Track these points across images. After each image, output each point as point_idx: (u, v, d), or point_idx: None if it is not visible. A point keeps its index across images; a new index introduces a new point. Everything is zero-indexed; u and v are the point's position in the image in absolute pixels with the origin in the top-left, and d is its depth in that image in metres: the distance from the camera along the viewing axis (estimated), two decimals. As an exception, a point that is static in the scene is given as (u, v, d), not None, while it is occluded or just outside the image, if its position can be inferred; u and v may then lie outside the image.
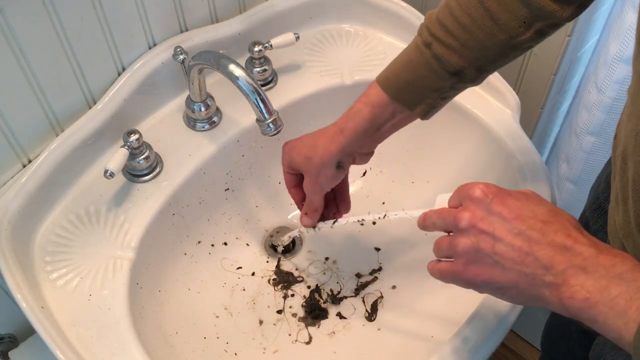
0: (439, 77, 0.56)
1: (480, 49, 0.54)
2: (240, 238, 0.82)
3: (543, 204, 0.45)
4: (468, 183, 0.47)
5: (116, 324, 0.61)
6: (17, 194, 0.64)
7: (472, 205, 0.45)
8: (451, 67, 0.55)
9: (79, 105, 0.70)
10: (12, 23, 0.58)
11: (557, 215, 0.44)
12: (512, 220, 0.43)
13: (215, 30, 0.78)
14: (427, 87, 0.57)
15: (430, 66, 0.56)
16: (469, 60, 0.55)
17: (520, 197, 0.45)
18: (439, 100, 0.59)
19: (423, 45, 0.56)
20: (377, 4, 0.85)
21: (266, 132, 0.65)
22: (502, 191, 0.45)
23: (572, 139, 1.02)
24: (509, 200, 0.44)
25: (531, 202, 0.45)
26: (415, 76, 0.57)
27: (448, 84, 0.57)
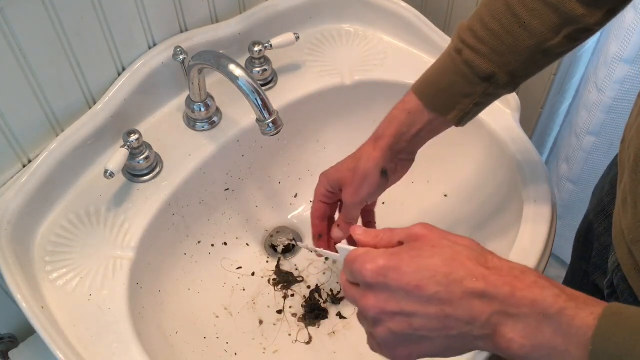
0: (470, 83, 0.56)
1: (510, 54, 0.55)
2: (240, 238, 0.82)
3: (437, 253, 0.41)
4: (355, 255, 0.44)
5: (116, 324, 0.61)
6: (17, 194, 0.64)
7: (370, 291, 0.42)
8: (482, 72, 0.56)
9: (79, 105, 0.70)
10: (12, 23, 0.58)
11: (456, 259, 0.41)
12: (415, 290, 0.40)
13: (215, 30, 0.78)
14: (459, 93, 0.57)
15: (461, 72, 0.56)
16: (500, 66, 0.55)
17: (413, 258, 0.41)
18: (472, 107, 0.58)
19: (454, 52, 0.57)
20: (377, 4, 0.85)
21: (266, 132, 0.65)
22: (391, 260, 0.42)
23: (572, 139, 1.02)
24: (402, 268, 0.41)
25: (425, 257, 0.41)
26: (447, 82, 0.58)
27: (480, 90, 0.57)
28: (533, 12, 0.53)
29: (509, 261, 0.41)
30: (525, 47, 0.54)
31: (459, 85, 0.57)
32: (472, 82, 0.56)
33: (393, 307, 0.41)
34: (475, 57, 0.55)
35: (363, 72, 0.83)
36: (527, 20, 0.53)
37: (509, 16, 0.54)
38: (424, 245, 0.42)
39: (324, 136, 0.87)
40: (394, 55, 0.85)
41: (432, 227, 0.44)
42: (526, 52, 0.54)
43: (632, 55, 0.85)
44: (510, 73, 0.56)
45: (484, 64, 0.55)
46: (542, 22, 0.53)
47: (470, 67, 0.56)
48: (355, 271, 0.43)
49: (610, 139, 0.96)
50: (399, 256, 0.42)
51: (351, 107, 0.85)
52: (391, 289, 0.41)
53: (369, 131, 0.65)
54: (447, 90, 0.58)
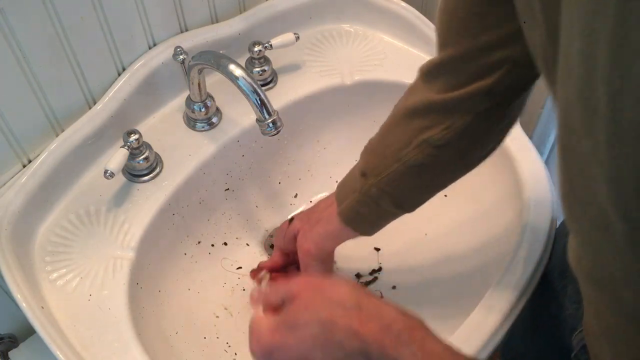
0: (355, 177, 0.62)
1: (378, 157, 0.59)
2: (240, 238, 0.82)
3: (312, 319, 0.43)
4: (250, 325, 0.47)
5: (116, 324, 0.61)
6: (17, 194, 0.64)
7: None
8: (360, 167, 0.61)
9: (79, 105, 0.70)
10: (12, 23, 0.58)
11: (331, 320, 0.42)
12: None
13: (215, 30, 0.78)
14: (349, 185, 0.62)
15: (356, 166, 0.62)
16: (369, 166, 0.59)
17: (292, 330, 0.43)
18: (354, 203, 0.61)
19: None
20: (377, 4, 0.85)
21: (266, 132, 0.65)
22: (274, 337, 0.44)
23: (572, 139, 1.02)
24: (285, 345, 0.43)
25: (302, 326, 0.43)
26: (348, 176, 0.64)
27: (358, 186, 0.60)
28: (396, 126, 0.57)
29: (381, 304, 0.43)
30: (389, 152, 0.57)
31: (351, 177, 0.63)
32: (357, 178, 0.61)
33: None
34: (362, 153, 0.62)
35: (363, 72, 0.83)
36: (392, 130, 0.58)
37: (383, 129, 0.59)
38: (299, 309, 0.44)
39: (324, 136, 0.86)
40: (394, 55, 0.85)
41: (310, 282, 0.46)
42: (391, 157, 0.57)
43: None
44: (376, 176, 0.58)
45: (362, 160, 0.61)
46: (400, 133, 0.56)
47: (359, 161, 0.62)
48: (249, 340, 0.46)
49: (610, 139, 0.96)
50: (280, 332, 0.44)
51: (351, 107, 0.85)
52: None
53: (369, 131, 0.65)
54: (345, 181, 0.64)
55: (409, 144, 0.56)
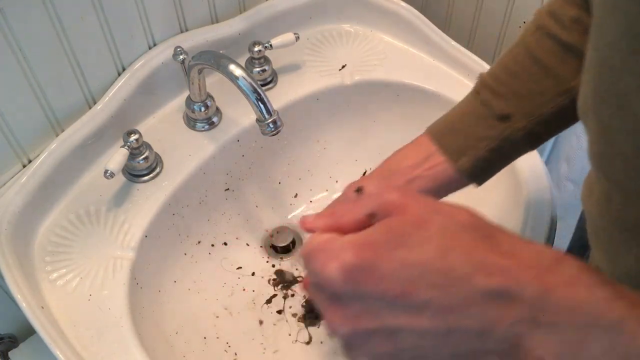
0: (485, 123, 0.53)
1: (529, 96, 0.52)
2: (240, 238, 0.82)
3: (426, 238, 0.30)
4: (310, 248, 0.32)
5: (116, 324, 0.61)
6: (17, 194, 0.64)
7: (336, 302, 0.31)
8: (498, 113, 0.53)
9: (79, 105, 0.70)
10: (12, 23, 0.58)
11: (455, 245, 0.29)
12: (400, 298, 0.29)
13: (215, 30, 0.78)
14: (472, 134, 0.54)
15: (477, 112, 0.54)
16: (518, 108, 0.53)
17: (393, 249, 0.29)
18: (486, 152, 0.54)
19: (473, 94, 0.55)
20: (377, 4, 0.85)
21: (266, 132, 0.65)
22: (362, 254, 0.30)
23: (572, 139, 1.02)
24: (380, 268, 0.29)
25: (410, 246, 0.29)
26: (461, 123, 0.55)
27: (495, 133, 0.53)
28: (551, 54, 0.51)
29: (531, 242, 0.31)
30: (545, 89, 0.52)
31: (474, 125, 0.54)
32: (488, 123, 0.53)
33: (369, 323, 0.30)
34: (493, 98, 0.53)
35: (363, 72, 0.83)
36: (547, 61, 0.52)
37: (528, 58, 0.53)
38: (406, 225, 0.30)
39: (324, 136, 0.86)
40: (394, 55, 0.85)
41: (413, 194, 0.32)
42: (548, 94, 0.52)
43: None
44: (529, 116, 0.52)
45: (500, 104, 0.53)
46: (561, 63, 0.51)
47: (487, 106, 0.54)
48: (313, 273, 0.31)
49: (610, 139, 0.96)
50: (373, 247, 0.30)
51: (351, 107, 0.85)
52: (365, 298, 0.30)
53: (369, 131, 0.65)
54: (462, 130, 0.54)
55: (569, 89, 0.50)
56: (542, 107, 0.52)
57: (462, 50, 0.81)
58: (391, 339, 0.30)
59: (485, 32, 0.95)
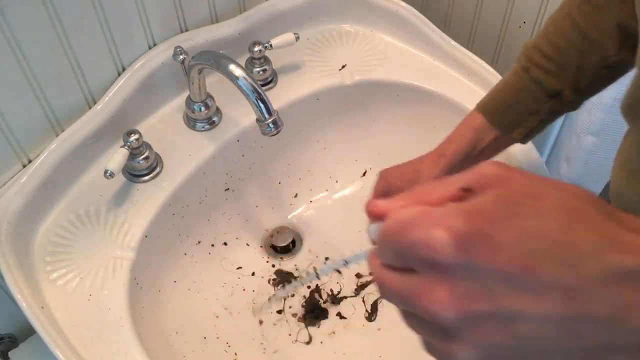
0: (537, 100, 0.57)
1: (577, 70, 0.55)
2: (240, 238, 0.82)
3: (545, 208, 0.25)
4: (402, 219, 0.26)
5: (116, 324, 0.61)
6: (17, 194, 0.64)
7: (440, 278, 0.25)
8: (550, 90, 0.56)
9: (79, 105, 0.70)
10: (12, 23, 0.58)
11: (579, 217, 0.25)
12: (522, 273, 0.24)
13: (215, 30, 0.78)
14: (526, 110, 0.58)
15: (529, 90, 0.57)
16: (567, 82, 0.56)
17: (508, 217, 0.24)
18: (538, 123, 0.59)
19: (521, 71, 0.58)
20: (377, 4, 0.85)
21: (266, 132, 0.65)
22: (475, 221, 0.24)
23: (572, 139, 1.02)
24: (497, 238, 0.24)
25: (528, 216, 0.24)
26: (514, 100, 0.58)
27: (546, 107, 0.57)
28: (597, 27, 0.53)
29: None
30: (590, 63, 0.55)
31: (526, 102, 0.58)
32: (539, 100, 0.57)
33: (484, 305, 0.24)
34: (543, 75, 0.56)
35: (363, 72, 0.83)
36: (592, 35, 0.54)
37: (574, 32, 0.54)
38: (517, 195, 0.25)
39: (324, 136, 0.86)
40: (394, 55, 0.85)
41: (514, 167, 0.27)
42: (591, 67, 0.55)
43: (632, 55, 0.85)
44: (576, 90, 0.56)
45: (551, 81, 0.56)
46: (606, 36, 0.53)
47: (538, 85, 0.57)
48: (408, 245, 0.25)
49: (611, 139, 0.96)
50: (485, 215, 0.24)
51: (351, 107, 0.85)
52: (480, 272, 0.24)
53: (369, 131, 0.65)
54: (514, 107, 0.58)
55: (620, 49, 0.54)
56: (588, 80, 0.56)
57: (462, 50, 0.81)
58: (508, 327, 0.24)
59: (485, 32, 0.95)
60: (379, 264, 0.28)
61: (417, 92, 0.81)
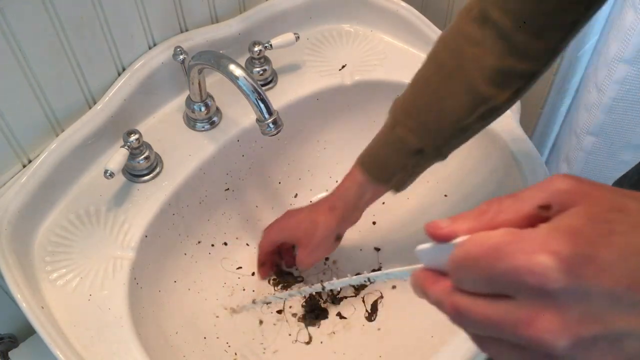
0: (404, 156, 0.62)
1: (435, 129, 0.60)
2: (240, 238, 0.82)
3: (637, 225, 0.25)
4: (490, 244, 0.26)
5: (116, 324, 0.61)
6: (17, 194, 0.64)
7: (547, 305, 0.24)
8: (412, 147, 0.61)
9: (79, 105, 0.70)
10: (12, 23, 0.58)
11: None
12: (628, 291, 0.24)
13: (215, 30, 0.78)
14: (395, 165, 0.64)
15: (394, 146, 0.62)
16: (427, 141, 0.60)
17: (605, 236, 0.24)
18: (407, 176, 0.65)
19: (389, 127, 0.63)
20: (377, 4, 0.85)
21: (266, 132, 0.65)
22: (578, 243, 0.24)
23: (572, 139, 1.02)
24: (600, 258, 0.24)
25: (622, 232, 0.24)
26: (385, 156, 0.64)
27: (412, 162, 0.63)
28: (452, 94, 0.57)
29: None
30: (447, 124, 0.59)
31: (395, 158, 0.63)
32: (405, 155, 0.62)
33: (596, 327, 0.24)
34: (407, 133, 0.61)
35: (363, 72, 0.83)
36: (447, 100, 0.58)
37: (432, 95, 0.59)
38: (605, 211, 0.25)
39: (324, 136, 0.87)
40: (394, 55, 0.85)
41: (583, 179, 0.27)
42: (448, 128, 0.59)
43: (632, 56, 0.85)
44: (436, 147, 0.61)
45: (413, 139, 0.61)
46: (458, 102, 0.57)
47: (402, 142, 0.61)
48: (505, 271, 0.25)
49: (611, 139, 0.96)
50: (584, 235, 0.24)
51: (351, 107, 0.85)
52: (589, 295, 0.24)
53: (369, 131, 0.65)
54: (385, 163, 0.64)
55: (471, 114, 0.57)
56: (447, 137, 0.60)
57: (462, 50, 0.81)
58: (618, 346, 0.24)
59: (485, 32, 0.95)
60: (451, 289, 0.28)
61: (417, 92, 0.81)
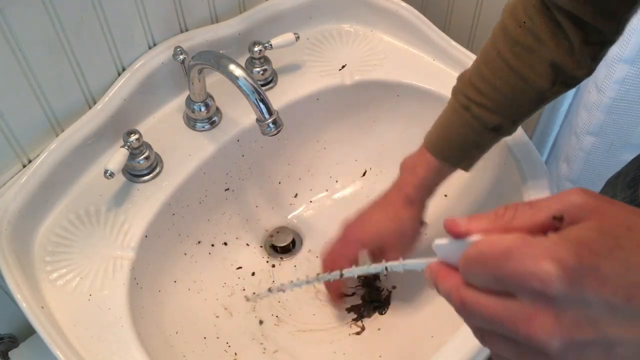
0: (480, 135, 0.63)
1: (513, 106, 0.61)
2: (240, 238, 0.82)
3: None
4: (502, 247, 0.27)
5: (116, 324, 0.61)
6: (17, 194, 0.64)
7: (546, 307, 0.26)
8: (490, 125, 0.62)
9: (79, 105, 0.70)
10: (12, 23, 0.58)
11: None
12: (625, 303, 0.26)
13: (215, 30, 0.78)
14: (470, 145, 0.64)
15: (471, 126, 0.62)
16: (505, 117, 0.61)
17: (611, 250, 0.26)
18: (479, 154, 0.66)
19: (462, 109, 0.62)
20: (377, 4, 0.85)
21: (266, 132, 0.65)
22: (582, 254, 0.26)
23: (572, 139, 1.02)
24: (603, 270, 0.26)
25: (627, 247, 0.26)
26: (460, 137, 0.64)
27: (488, 139, 0.64)
28: (530, 67, 0.57)
29: None
30: (526, 99, 0.60)
31: (470, 138, 0.63)
32: (482, 135, 0.63)
33: (589, 333, 0.26)
34: (484, 112, 0.61)
35: (363, 72, 0.83)
36: (526, 73, 0.58)
37: (507, 71, 0.59)
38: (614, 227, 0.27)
39: (324, 136, 0.87)
40: (394, 55, 0.85)
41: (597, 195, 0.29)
42: (528, 102, 0.60)
43: (632, 56, 0.85)
44: (514, 121, 0.63)
45: (491, 117, 0.61)
46: (540, 76, 0.58)
47: (479, 121, 0.62)
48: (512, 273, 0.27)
49: (610, 139, 0.96)
50: (590, 248, 0.26)
51: (351, 107, 0.85)
52: (587, 303, 0.26)
53: (369, 131, 0.65)
54: (460, 144, 0.64)
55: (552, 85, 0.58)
56: (524, 113, 0.62)
57: (462, 50, 0.81)
58: (608, 353, 0.26)
59: (485, 33, 0.95)
60: (462, 283, 0.29)
61: (417, 92, 0.81)
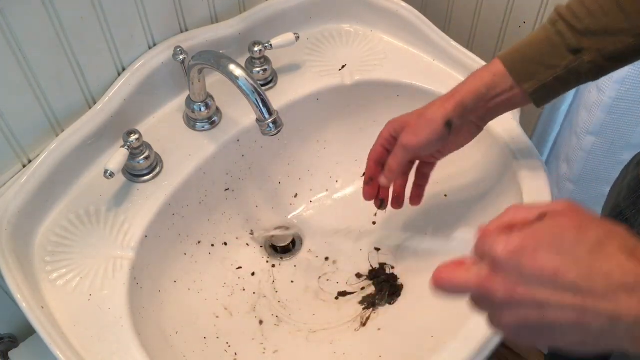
0: (557, 53, 0.58)
1: (603, 34, 0.56)
2: (240, 238, 0.82)
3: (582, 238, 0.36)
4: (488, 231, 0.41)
5: (116, 324, 0.61)
6: (17, 194, 0.64)
7: (499, 270, 0.38)
8: (571, 45, 0.57)
9: (79, 105, 0.70)
10: (12, 23, 0.58)
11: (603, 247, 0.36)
12: (552, 276, 0.35)
13: (215, 30, 0.78)
14: (543, 61, 0.59)
15: (550, 41, 0.58)
16: (590, 43, 0.57)
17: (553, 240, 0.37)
18: (551, 80, 0.59)
19: (548, 24, 0.59)
20: (377, 4, 0.85)
21: (266, 132, 0.65)
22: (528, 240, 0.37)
23: (572, 139, 1.02)
24: (540, 252, 0.36)
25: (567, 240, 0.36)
26: (534, 50, 0.59)
27: (564, 63, 0.58)
28: (635, 3, 0.54)
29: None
30: (619, 30, 0.56)
31: (545, 53, 0.58)
32: (559, 53, 0.58)
33: (523, 292, 0.36)
34: (568, 30, 0.57)
35: (363, 72, 0.83)
36: (629, 8, 0.55)
37: (611, 1, 0.56)
38: (567, 226, 0.37)
39: (324, 136, 0.87)
40: (394, 55, 0.85)
41: (580, 207, 0.39)
42: (619, 34, 0.56)
43: (632, 55, 0.85)
44: (598, 51, 0.57)
45: (576, 37, 0.57)
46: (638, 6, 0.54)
47: (561, 37, 0.57)
48: (485, 247, 0.39)
49: (611, 139, 0.96)
50: (537, 236, 0.37)
51: (351, 107, 0.85)
52: (523, 273, 0.36)
53: (369, 131, 0.65)
54: (532, 57, 0.59)
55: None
56: (613, 45, 0.56)
57: (462, 50, 0.81)
58: (539, 312, 0.36)
59: (485, 32, 0.95)
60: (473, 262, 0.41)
61: (417, 92, 0.81)
